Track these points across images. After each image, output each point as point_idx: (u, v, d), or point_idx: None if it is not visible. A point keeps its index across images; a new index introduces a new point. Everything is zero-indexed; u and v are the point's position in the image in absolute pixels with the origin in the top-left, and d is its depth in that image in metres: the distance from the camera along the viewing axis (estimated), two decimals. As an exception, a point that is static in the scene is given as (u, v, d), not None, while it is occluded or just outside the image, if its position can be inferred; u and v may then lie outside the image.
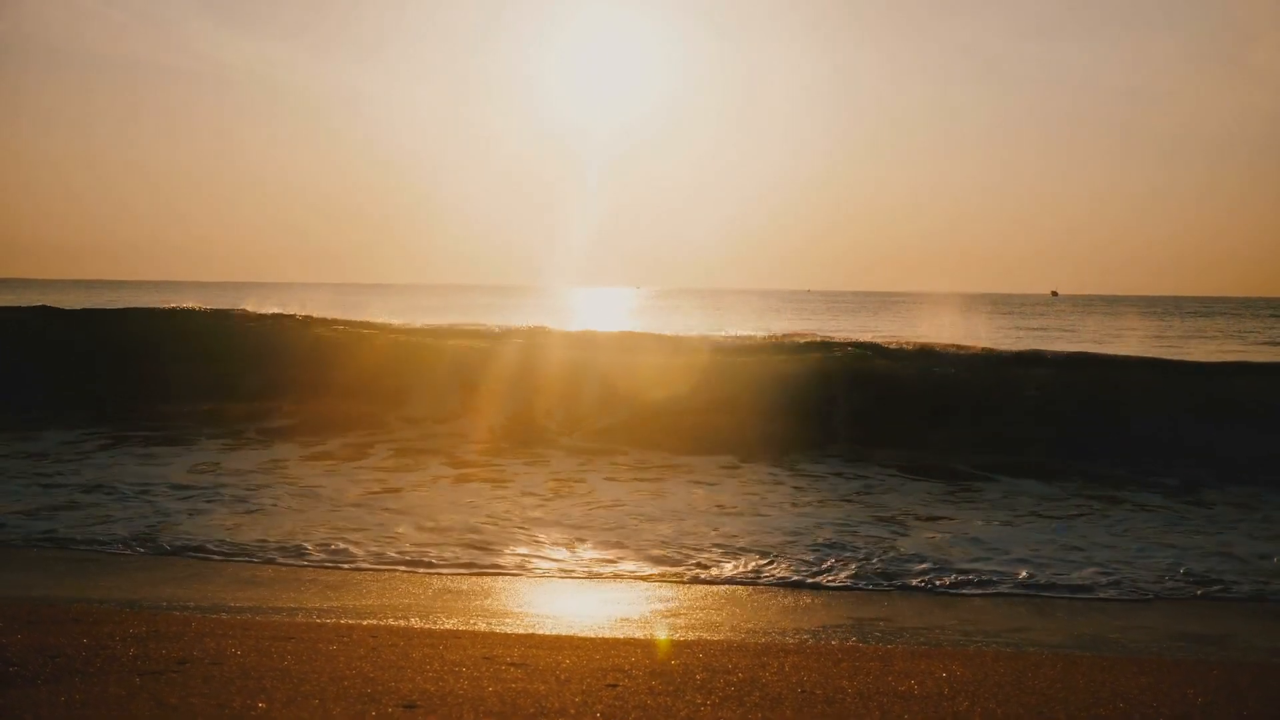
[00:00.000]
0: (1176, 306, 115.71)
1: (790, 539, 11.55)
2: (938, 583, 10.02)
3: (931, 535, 11.94)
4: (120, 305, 71.88)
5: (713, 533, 11.86)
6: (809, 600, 9.44)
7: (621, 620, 8.54)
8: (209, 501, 13.00)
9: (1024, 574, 10.31)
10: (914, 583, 10.03)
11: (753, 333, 25.15)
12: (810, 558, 10.76)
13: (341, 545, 11.12)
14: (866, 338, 24.70)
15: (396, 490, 14.10)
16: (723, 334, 23.60)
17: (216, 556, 10.73)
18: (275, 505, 12.93)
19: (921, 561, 10.68)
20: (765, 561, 10.65)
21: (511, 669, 5.92)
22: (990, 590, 9.81)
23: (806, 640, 7.74)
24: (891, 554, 10.96)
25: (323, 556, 10.75)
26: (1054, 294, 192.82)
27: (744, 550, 11.08)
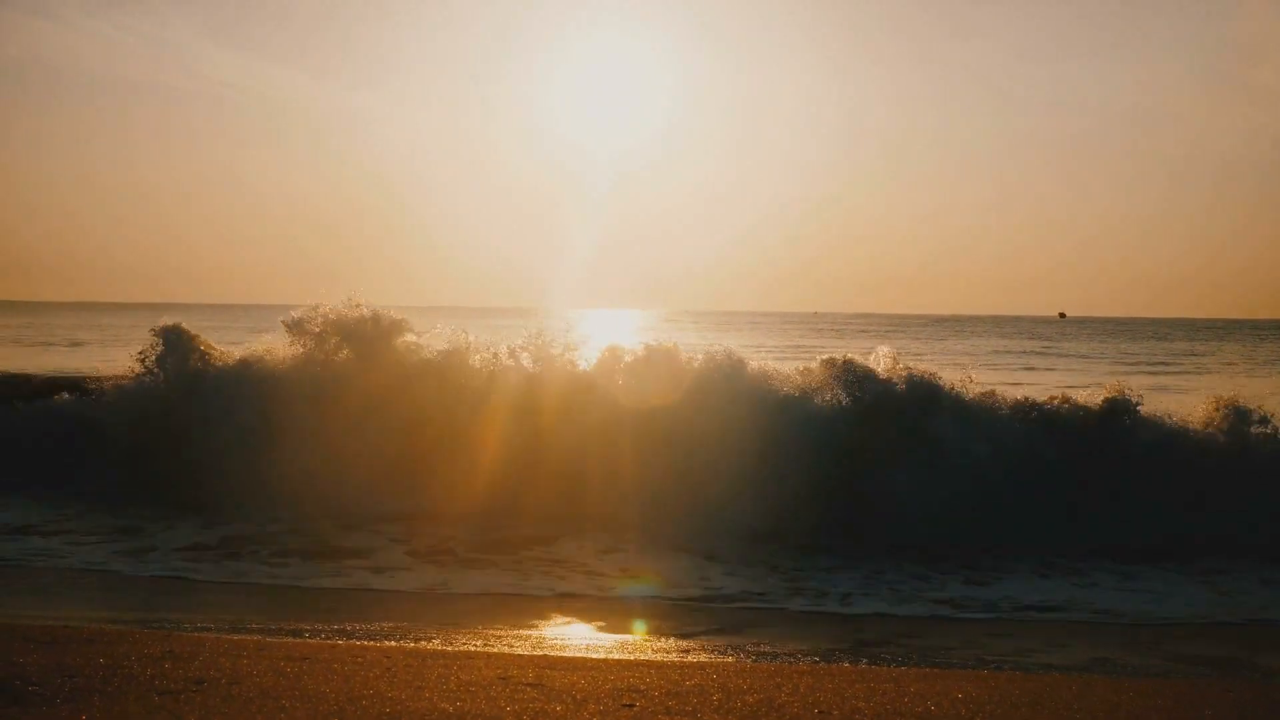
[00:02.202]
0: (1172, 329, 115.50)
1: (796, 564, 11.56)
2: (943, 607, 10.02)
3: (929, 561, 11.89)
4: (118, 327, 71.70)
5: (717, 556, 11.88)
6: (818, 623, 9.44)
7: (634, 642, 8.55)
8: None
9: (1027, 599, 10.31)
10: (919, 607, 10.02)
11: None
12: (817, 583, 10.76)
13: (349, 566, 11.16)
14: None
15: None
16: None
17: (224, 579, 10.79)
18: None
19: (926, 587, 10.66)
20: (772, 585, 10.64)
21: (527, 689, 5.92)
22: (993, 614, 9.81)
23: (818, 662, 7.74)
24: (895, 579, 10.95)
25: (329, 579, 10.79)
26: (1062, 315, 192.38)
27: (750, 573, 11.08)
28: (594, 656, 7.64)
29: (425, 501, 13.57)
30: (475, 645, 8.00)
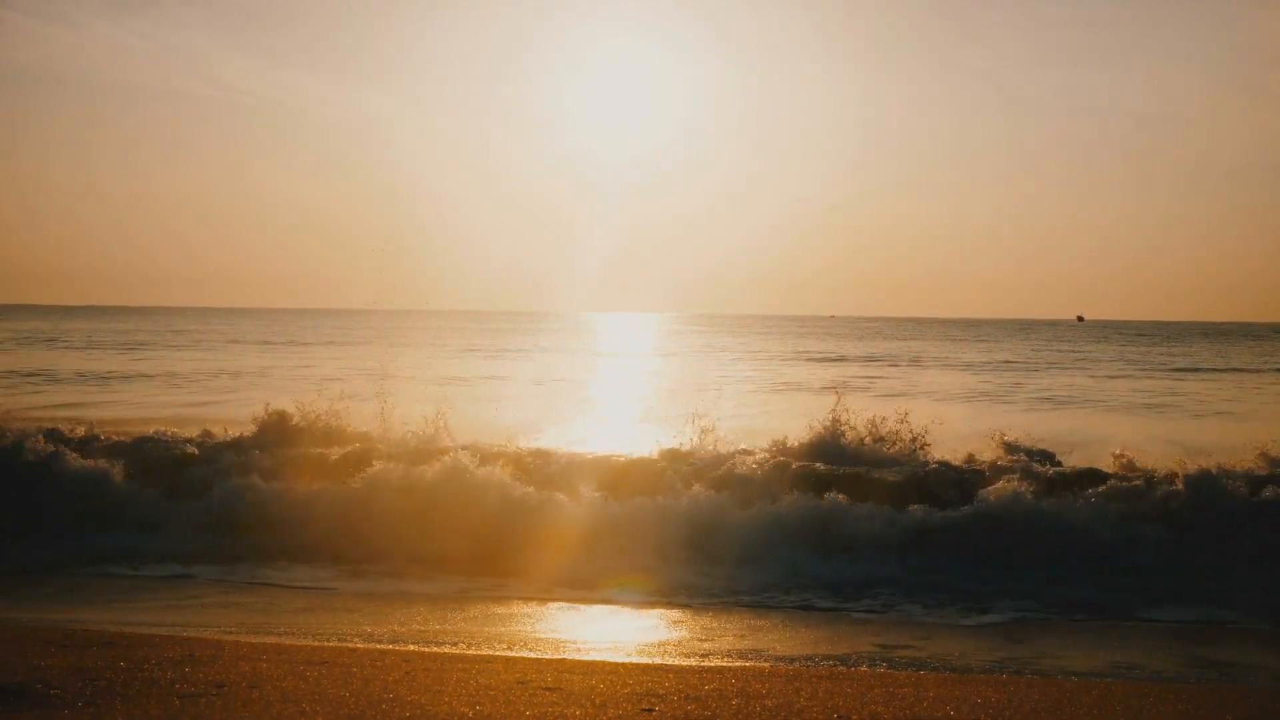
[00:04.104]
0: (1188, 332, 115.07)
1: (810, 567, 11.51)
2: (966, 612, 9.98)
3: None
4: (132, 331, 72.12)
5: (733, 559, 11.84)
6: (834, 627, 9.41)
7: (652, 646, 8.54)
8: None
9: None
10: (936, 612, 9.98)
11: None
12: (833, 588, 10.72)
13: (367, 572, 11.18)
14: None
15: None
16: None
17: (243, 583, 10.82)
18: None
19: (939, 590, 10.61)
20: (788, 590, 10.61)
21: (546, 693, 5.92)
22: (1009, 617, 9.77)
23: (837, 666, 7.72)
24: (909, 581, 10.89)
25: (348, 584, 10.81)
26: (1080, 319, 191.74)
27: (765, 578, 11.05)
28: (612, 660, 7.64)
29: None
30: (493, 649, 8.01)
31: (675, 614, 9.73)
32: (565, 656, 7.81)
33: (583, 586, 10.58)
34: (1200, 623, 9.67)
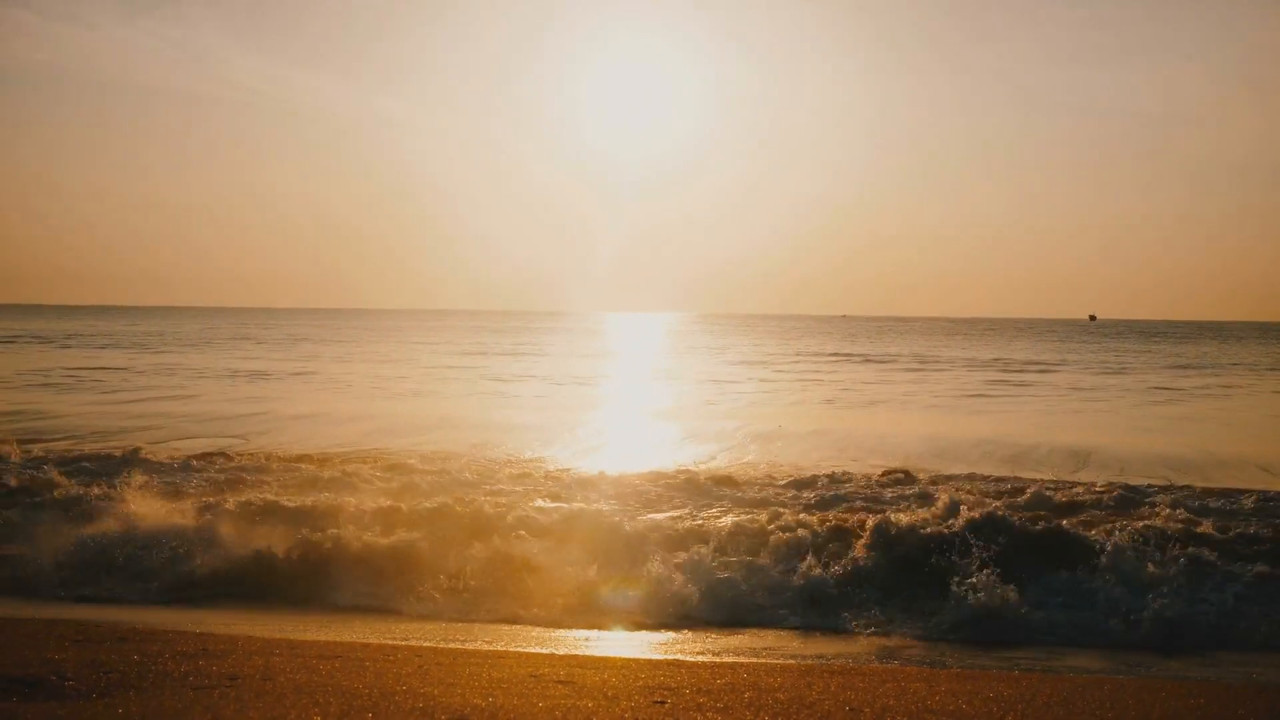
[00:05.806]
0: (1200, 332, 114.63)
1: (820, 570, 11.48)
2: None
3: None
4: (144, 332, 72.24)
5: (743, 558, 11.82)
6: (847, 629, 9.41)
7: (665, 642, 8.56)
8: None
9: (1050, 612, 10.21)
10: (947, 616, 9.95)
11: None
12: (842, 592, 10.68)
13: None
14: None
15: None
16: None
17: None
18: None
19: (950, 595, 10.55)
20: (798, 592, 10.58)
21: (558, 686, 5.94)
22: (1023, 624, 9.75)
23: (848, 663, 7.73)
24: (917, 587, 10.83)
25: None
26: (1092, 318, 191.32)
27: (781, 583, 11.02)
28: (624, 656, 7.66)
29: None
30: (505, 645, 8.03)
31: (688, 619, 9.71)
32: (578, 652, 7.83)
33: (596, 590, 10.56)
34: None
